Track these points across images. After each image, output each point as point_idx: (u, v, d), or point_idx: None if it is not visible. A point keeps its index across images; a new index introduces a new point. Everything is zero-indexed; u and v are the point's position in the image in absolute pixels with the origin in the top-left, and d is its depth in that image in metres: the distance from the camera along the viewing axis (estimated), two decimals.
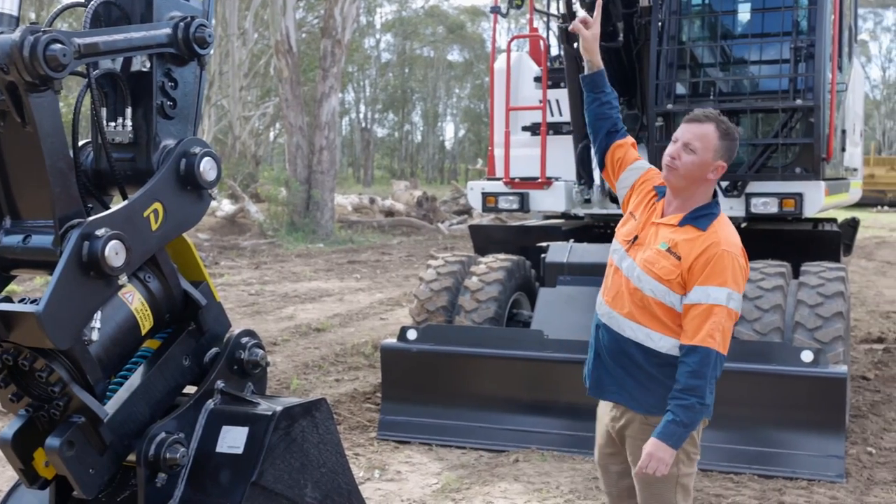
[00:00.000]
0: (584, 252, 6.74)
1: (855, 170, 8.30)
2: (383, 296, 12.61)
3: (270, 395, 3.45)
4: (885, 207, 36.52)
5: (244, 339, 3.29)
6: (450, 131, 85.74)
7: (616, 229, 3.53)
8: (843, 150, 7.29)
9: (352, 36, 25.34)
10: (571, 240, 7.05)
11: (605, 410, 3.51)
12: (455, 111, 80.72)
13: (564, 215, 8.00)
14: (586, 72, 3.85)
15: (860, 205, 11.68)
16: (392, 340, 6.32)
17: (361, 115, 71.88)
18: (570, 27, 3.88)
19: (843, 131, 7.21)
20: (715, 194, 3.33)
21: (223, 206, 25.65)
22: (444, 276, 6.93)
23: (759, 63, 6.72)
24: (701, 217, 3.24)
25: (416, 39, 70.84)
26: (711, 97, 6.69)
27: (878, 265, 16.86)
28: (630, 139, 3.70)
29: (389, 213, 26.81)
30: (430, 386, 6.19)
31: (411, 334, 6.15)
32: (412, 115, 78.49)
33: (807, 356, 5.25)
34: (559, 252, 6.78)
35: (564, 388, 5.85)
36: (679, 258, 3.18)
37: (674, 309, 3.20)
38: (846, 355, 5.85)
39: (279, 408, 3.04)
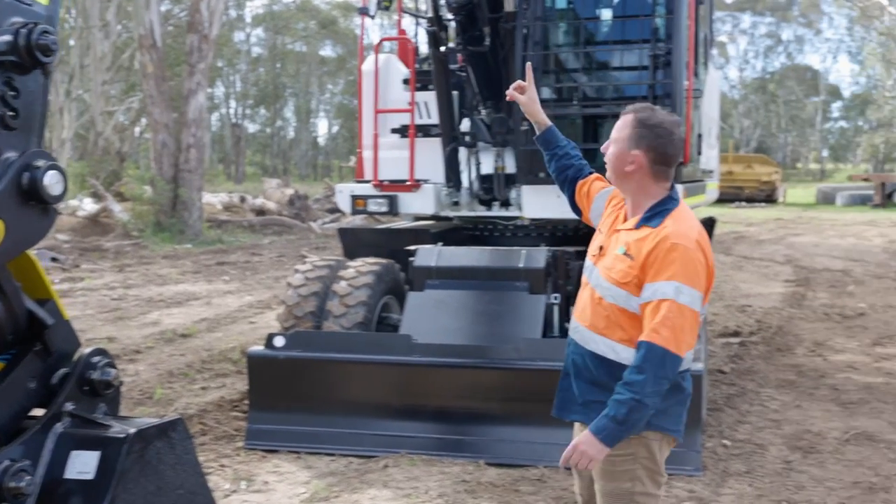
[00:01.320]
0: (451, 255, 6.79)
1: (711, 171, 8.62)
2: (253, 298, 12.39)
3: (125, 416, 3.33)
4: (743, 203, 38.15)
5: (95, 359, 3.16)
6: (323, 127, 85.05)
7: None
8: (700, 153, 7.56)
9: (220, 31, 24.83)
10: (440, 243, 7.08)
11: (576, 429, 3.37)
12: (328, 107, 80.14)
13: (435, 217, 8.04)
14: (536, 133, 3.75)
15: (720, 201, 12.16)
16: (259, 347, 6.22)
17: (232, 111, 70.47)
18: (507, 96, 3.70)
19: (700, 135, 7.48)
20: (672, 188, 3.25)
21: (85, 205, 24.72)
22: (312, 280, 6.85)
23: (621, 69, 6.90)
24: (654, 215, 3.17)
25: (287, 34, 69.93)
26: (576, 102, 6.82)
27: (736, 259, 17.59)
28: (594, 175, 3.64)
29: (260, 211, 26.39)
30: (299, 393, 6.12)
31: (278, 341, 6.06)
32: (284, 110, 77.48)
33: None
34: (427, 255, 6.80)
35: (433, 393, 5.89)
36: (632, 258, 3.11)
37: (637, 315, 3.10)
38: (703, 352, 6.07)
39: (133, 430, 2.93)
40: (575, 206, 3.69)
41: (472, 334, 6.35)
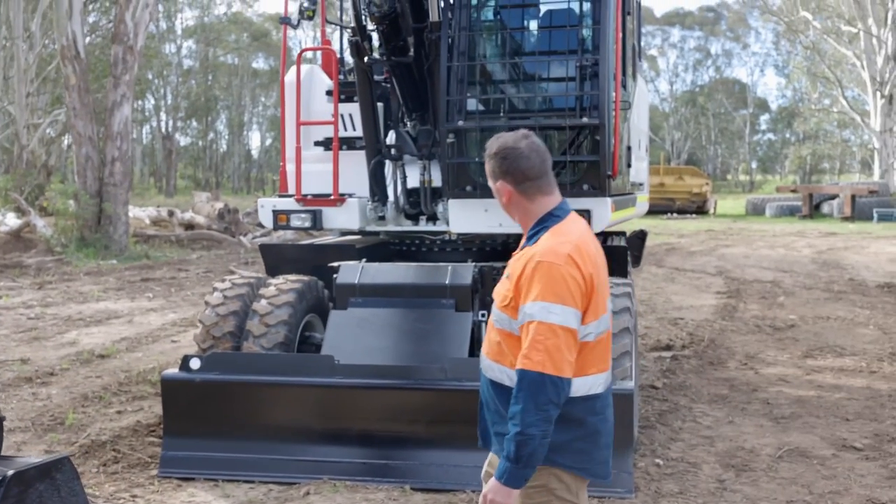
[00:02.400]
0: (376, 272, 6.57)
1: (641, 184, 8.55)
2: (177, 316, 12.01)
3: (5, 455, 3.05)
4: (674, 214, 38.58)
5: None
6: (256, 140, 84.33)
7: None
8: (629, 166, 7.46)
9: (146, 42, 24.31)
10: (364, 259, 6.85)
11: (491, 459, 3.27)
12: (261, 120, 79.51)
13: (360, 232, 7.83)
14: None
15: (652, 212, 12.15)
16: (174, 370, 5.92)
17: (163, 124, 69.36)
18: None
19: (629, 148, 7.38)
20: (560, 203, 3.17)
21: (7, 220, 23.94)
22: (231, 299, 6.58)
23: (548, 80, 6.77)
24: (534, 234, 3.10)
25: (219, 46, 69.31)
26: (502, 114, 6.67)
27: (668, 272, 17.66)
28: None
29: (189, 226, 25.84)
30: (216, 418, 5.84)
31: (194, 363, 5.79)
32: (217, 123, 76.67)
33: None
34: (350, 272, 6.58)
35: (357, 415, 5.66)
36: (509, 280, 3.04)
37: (520, 340, 2.95)
38: (634, 370, 5.94)
39: (10, 472, 2.67)
40: None
41: (398, 354, 6.14)
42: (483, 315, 6.34)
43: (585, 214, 6.38)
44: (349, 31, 6.92)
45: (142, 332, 10.80)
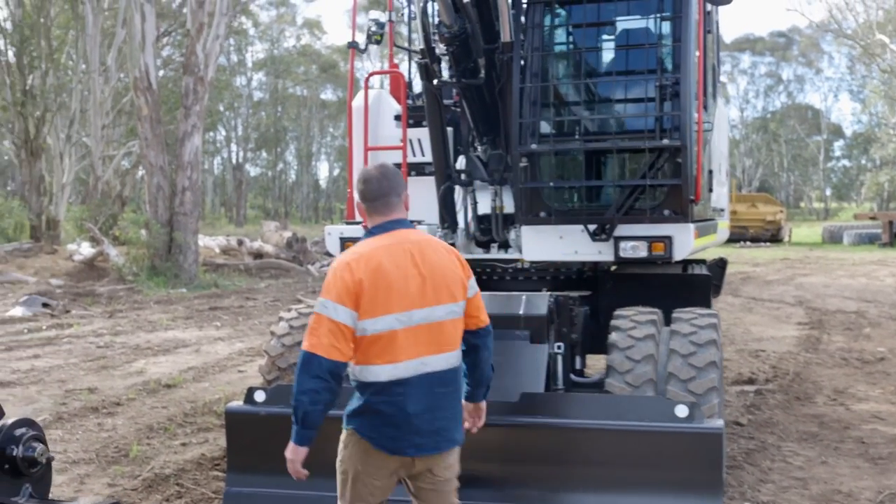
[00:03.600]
0: None
1: (722, 210, 8.18)
2: (244, 345, 11.91)
3: (56, 498, 2.85)
4: (748, 243, 37.72)
5: (19, 431, 2.70)
6: (324, 170, 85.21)
7: None
8: (711, 190, 7.11)
9: (222, 75, 24.61)
10: None
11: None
12: (329, 150, 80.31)
13: None
14: None
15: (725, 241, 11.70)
16: (238, 403, 5.72)
17: (234, 155, 70.53)
18: None
19: (710, 171, 7.04)
20: (378, 224, 3.78)
21: (82, 249, 24.36)
22: (297, 329, 6.37)
23: (625, 101, 6.47)
24: None
25: (288, 78, 70.29)
26: (577, 136, 6.39)
27: (745, 301, 17.10)
28: None
29: (258, 254, 25.99)
30: (282, 453, 5.61)
31: (259, 396, 5.56)
32: (286, 153, 77.66)
33: (681, 411, 4.93)
34: None
35: None
36: None
37: None
38: (721, 406, 5.58)
39: None
40: None
41: None
42: (559, 347, 6.03)
43: (666, 241, 6.07)
44: (418, 54, 6.72)
45: (208, 361, 10.70)
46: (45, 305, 16.15)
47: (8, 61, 33.72)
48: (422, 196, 7.13)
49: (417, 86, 8.43)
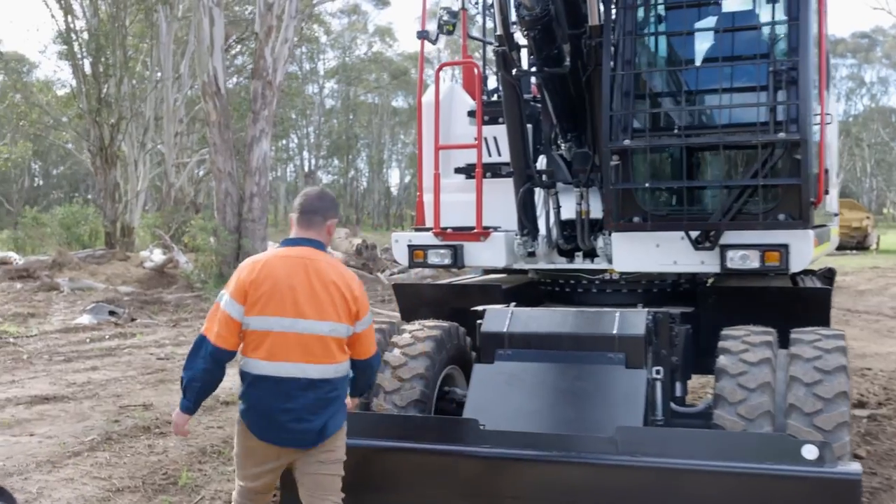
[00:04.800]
0: (528, 319, 5.57)
1: (835, 214, 7.33)
2: None
3: None
4: (833, 250, 36.12)
5: None
6: (395, 177, 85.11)
7: None
8: (826, 192, 6.28)
9: (289, 82, 24.28)
10: (513, 303, 5.89)
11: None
12: (400, 157, 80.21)
13: (506, 270, 6.90)
14: None
15: None
16: None
17: (306, 162, 70.86)
18: None
19: (827, 171, 6.20)
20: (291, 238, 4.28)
21: (154, 255, 24.21)
22: None
23: (731, 91, 5.68)
24: None
25: (360, 86, 70.38)
26: (676, 131, 5.62)
27: (839, 313, 15.96)
28: None
29: None
30: (342, 488, 4.97)
31: None
32: (357, 161, 77.76)
33: (809, 452, 4.14)
34: (497, 318, 5.59)
35: (504, 493, 4.67)
36: None
37: None
38: (852, 445, 4.76)
39: None
40: None
41: (555, 419, 5.12)
42: (658, 372, 5.26)
43: (781, 250, 5.27)
44: (495, 40, 6.03)
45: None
46: (111, 313, 15.87)
47: (84, 70, 33.99)
48: (498, 200, 6.47)
49: (493, 82, 7.78)
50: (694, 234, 5.46)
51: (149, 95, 35.44)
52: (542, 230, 6.36)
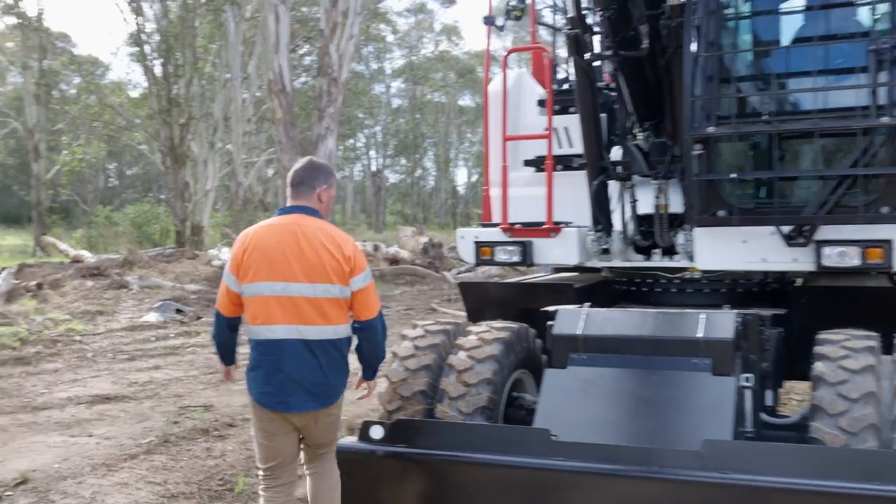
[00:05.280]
0: (603, 320, 5.16)
1: None
2: None
3: None
4: None
5: None
6: (462, 176, 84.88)
7: None
8: None
9: (353, 79, 24.12)
10: (587, 304, 5.49)
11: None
12: (467, 156, 79.83)
13: (578, 269, 6.51)
14: None
15: None
16: (351, 440, 4.79)
17: (373, 161, 71.10)
18: None
19: None
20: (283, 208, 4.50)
21: (222, 254, 24.28)
22: (423, 350, 5.39)
23: (826, 73, 5.22)
24: None
25: (426, 84, 70.29)
26: (766, 116, 5.17)
27: None
28: None
29: (394, 260, 25.35)
30: (401, 500, 4.65)
31: (376, 431, 4.62)
32: (424, 159, 77.68)
33: None
34: (570, 320, 5.20)
35: None
36: None
37: None
38: None
39: None
40: None
41: (633, 430, 4.72)
42: (748, 379, 4.81)
43: (885, 246, 4.80)
44: (567, 22, 5.65)
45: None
46: (178, 311, 15.84)
47: (154, 71, 34.39)
48: (569, 194, 6.09)
49: (563, 71, 7.40)
50: (786, 229, 5.02)
51: (217, 95, 35.70)
52: (617, 226, 5.96)
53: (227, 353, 4.64)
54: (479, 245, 6.12)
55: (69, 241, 35.73)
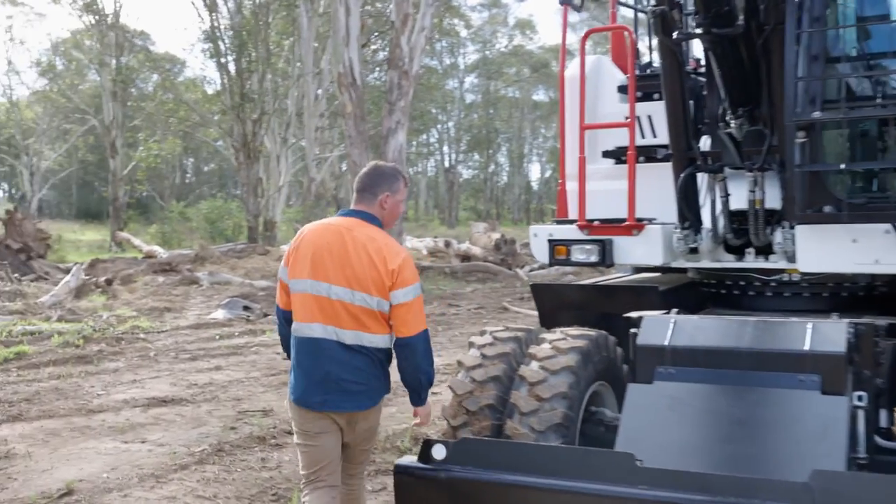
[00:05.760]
0: (695, 330, 4.61)
1: None
2: (441, 361, 10.56)
3: None
4: None
5: None
6: (535, 172, 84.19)
7: None
8: None
9: (425, 74, 23.74)
10: (675, 310, 4.95)
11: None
12: (541, 151, 79.06)
13: (662, 269, 5.97)
14: None
15: None
16: (411, 459, 4.33)
17: (446, 157, 70.81)
18: None
19: None
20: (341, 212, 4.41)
21: None
22: (492, 360, 4.92)
23: None
24: None
25: (500, 79, 69.82)
26: (881, 100, 4.57)
27: None
28: None
29: (466, 257, 24.92)
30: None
31: (439, 451, 4.14)
32: (497, 155, 77.17)
33: None
34: (657, 328, 4.65)
35: None
36: None
37: None
38: None
39: None
40: None
41: (729, 457, 4.17)
42: (861, 399, 4.23)
43: None
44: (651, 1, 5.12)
45: (398, 380, 9.41)
46: (245, 308, 15.64)
47: (228, 67, 34.54)
48: (652, 188, 5.56)
49: (646, 55, 6.86)
50: None
51: (290, 91, 35.71)
52: (707, 223, 5.40)
53: (288, 349, 4.47)
54: (554, 243, 5.63)
55: (144, 236, 36.15)
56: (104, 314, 14.18)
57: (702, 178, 5.44)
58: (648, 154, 5.84)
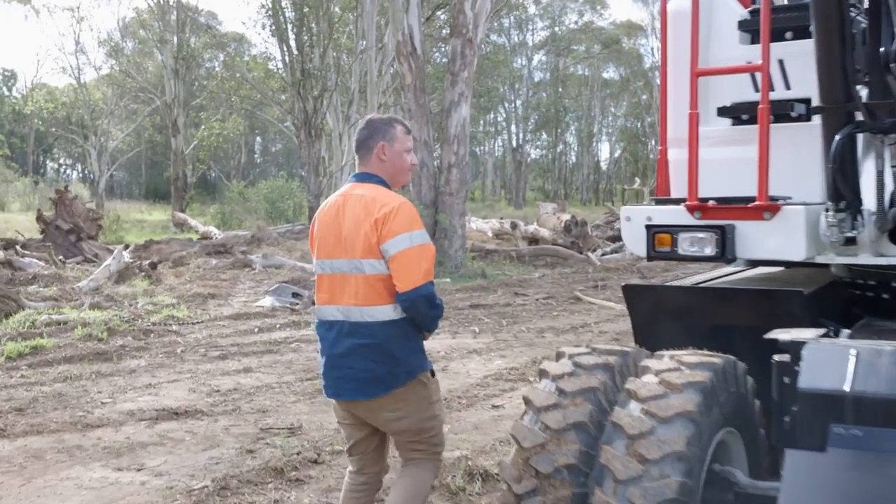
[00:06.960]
0: (892, 366, 3.07)
1: None
2: (503, 363, 9.15)
3: None
4: None
5: None
6: (605, 151, 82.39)
7: None
8: None
9: (491, 50, 22.27)
10: (845, 331, 3.44)
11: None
12: (611, 130, 77.23)
13: (799, 264, 4.46)
14: None
15: None
16: None
17: (513, 136, 69.35)
18: None
19: None
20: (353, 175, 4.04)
21: None
22: (572, 397, 3.44)
23: None
24: None
25: (569, 57, 68.23)
26: None
27: None
28: None
29: (533, 239, 23.44)
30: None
31: None
32: (566, 134, 75.54)
33: None
34: (829, 364, 3.06)
35: None
36: None
37: None
38: None
39: None
40: None
41: None
42: None
43: None
44: None
45: (455, 387, 8.05)
46: (295, 295, 14.44)
47: (289, 42, 33.51)
48: (786, 156, 4.11)
49: None
50: None
51: (352, 66, 34.55)
52: (870, 204, 3.89)
53: None
54: (654, 230, 4.14)
55: (205, 217, 35.39)
56: (141, 301, 13.07)
57: (863, 142, 3.94)
58: (779, 111, 4.33)
